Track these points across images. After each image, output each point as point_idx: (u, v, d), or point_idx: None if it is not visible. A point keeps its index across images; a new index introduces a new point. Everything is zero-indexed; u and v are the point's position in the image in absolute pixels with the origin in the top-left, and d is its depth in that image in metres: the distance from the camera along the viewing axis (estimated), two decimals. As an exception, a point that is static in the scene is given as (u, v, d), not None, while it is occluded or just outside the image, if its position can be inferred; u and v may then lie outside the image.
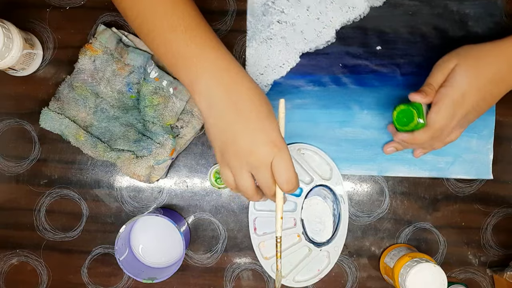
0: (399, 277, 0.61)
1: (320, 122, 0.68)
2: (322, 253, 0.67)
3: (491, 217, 0.69)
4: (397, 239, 0.69)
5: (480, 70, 0.55)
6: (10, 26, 0.61)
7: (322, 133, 0.68)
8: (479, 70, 0.55)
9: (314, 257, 0.67)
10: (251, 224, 0.67)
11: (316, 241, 0.68)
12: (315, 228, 0.68)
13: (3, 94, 0.68)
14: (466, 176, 0.68)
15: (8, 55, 0.61)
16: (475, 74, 0.55)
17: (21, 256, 0.69)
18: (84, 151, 0.66)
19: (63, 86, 0.66)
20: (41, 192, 0.68)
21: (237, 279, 0.69)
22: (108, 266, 0.69)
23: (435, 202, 0.69)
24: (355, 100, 0.68)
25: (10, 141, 0.68)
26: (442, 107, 0.56)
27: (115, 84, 0.66)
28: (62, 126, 0.65)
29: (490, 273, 0.69)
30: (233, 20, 0.68)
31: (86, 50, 0.65)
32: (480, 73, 0.55)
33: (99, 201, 0.68)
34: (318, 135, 0.68)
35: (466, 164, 0.68)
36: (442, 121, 0.56)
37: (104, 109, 0.66)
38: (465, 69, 0.55)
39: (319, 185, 0.67)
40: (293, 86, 0.68)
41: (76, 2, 0.68)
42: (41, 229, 0.68)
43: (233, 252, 0.69)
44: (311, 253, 0.67)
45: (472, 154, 0.68)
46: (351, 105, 0.68)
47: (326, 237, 0.68)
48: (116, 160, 0.65)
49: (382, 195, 0.68)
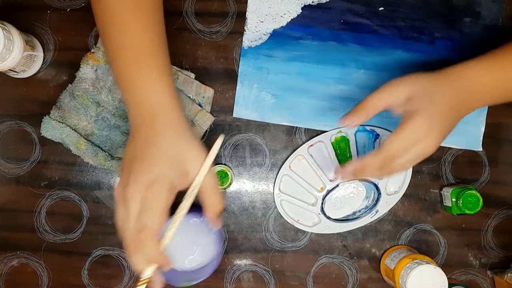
0: (400, 279, 0.61)
1: (316, 76, 0.67)
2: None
3: (491, 218, 0.69)
4: (397, 240, 0.69)
5: (436, 97, 0.52)
6: (11, 28, 0.61)
7: (316, 88, 0.67)
8: (436, 98, 0.52)
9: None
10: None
11: (328, 214, 0.68)
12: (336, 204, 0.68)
13: (4, 96, 0.68)
14: (456, 146, 0.68)
15: (9, 57, 0.61)
16: (436, 105, 0.52)
17: (21, 258, 0.68)
18: (85, 160, 0.66)
19: (64, 95, 0.66)
20: (41, 194, 0.68)
21: (238, 281, 0.69)
22: (109, 268, 0.69)
23: (436, 204, 0.69)
24: (352, 59, 0.67)
25: (10, 143, 0.68)
26: (404, 132, 0.52)
27: (116, 93, 0.66)
28: (63, 135, 0.65)
29: (491, 274, 0.69)
30: (233, 22, 0.68)
31: (88, 59, 0.65)
32: (438, 104, 0.52)
33: (100, 202, 0.68)
34: (311, 90, 0.67)
35: (457, 134, 0.68)
36: (400, 145, 0.52)
37: (105, 118, 0.66)
38: (425, 101, 0.52)
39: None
40: (292, 37, 0.67)
41: (76, 4, 0.68)
42: (41, 230, 0.68)
43: (234, 254, 0.69)
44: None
45: (464, 125, 0.67)
46: (348, 63, 0.67)
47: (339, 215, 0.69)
48: (117, 169, 0.65)
49: (383, 197, 0.69)
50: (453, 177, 0.69)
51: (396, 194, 0.68)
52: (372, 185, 0.68)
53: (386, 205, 0.68)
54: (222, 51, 0.68)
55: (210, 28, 0.68)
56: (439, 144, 0.52)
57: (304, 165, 0.68)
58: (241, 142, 0.68)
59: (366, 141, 0.68)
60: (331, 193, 0.68)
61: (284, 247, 0.69)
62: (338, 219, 0.68)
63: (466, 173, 0.69)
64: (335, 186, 0.68)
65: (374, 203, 0.68)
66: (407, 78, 0.53)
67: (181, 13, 0.68)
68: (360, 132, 0.68)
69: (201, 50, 0.68)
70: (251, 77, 0.67)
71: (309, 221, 0.68)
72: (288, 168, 0.68)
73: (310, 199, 0.68)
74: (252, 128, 0.68)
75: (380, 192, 0.67)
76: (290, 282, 0.69)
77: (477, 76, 0.54)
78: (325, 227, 0.68)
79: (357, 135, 0.68)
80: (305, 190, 0.68)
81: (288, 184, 0.68)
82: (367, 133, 0.68)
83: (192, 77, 0.67)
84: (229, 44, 0.68)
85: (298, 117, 0.68)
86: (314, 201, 0.68)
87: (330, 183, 0.68)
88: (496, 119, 0.69)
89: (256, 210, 0.69)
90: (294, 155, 0.67)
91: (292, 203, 0.68)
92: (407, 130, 0.52)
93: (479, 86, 0.54)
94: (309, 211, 0.68)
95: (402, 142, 0.52)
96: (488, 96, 0.55)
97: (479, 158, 0.69)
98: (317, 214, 0.68)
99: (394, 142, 0.52)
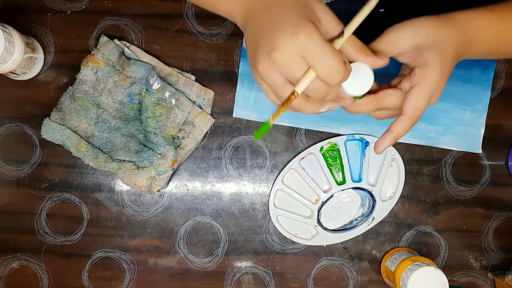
0: (400, 281, 0.61)
1: None
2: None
3: (492, 220, 0.69)
4: (398, 242, 0.69)
5: (443, 45, 0.51)
6: (11, 31, 0.61)
7: None
8: (444, 45, 0.51)
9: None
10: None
11: (325, 226, 0.68)
12: (332, 214, 0.68)
13: (4, 98, 0.68)
14: (456, 147, 0.68)
15: (10, 59, 0.61)
16: (444, 53, 0.51)
17: (21, 260, 0.68)
18: (85, 162, 0.66)
19: (64, 97, 0.66)
20: (42, 196, 0.68)
21: (238, 283, 0.69)
22: (109, 270, 0.68)
23: (436, 206, 0.69)
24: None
25: (11, 145, 0.68)
26: (423, 89, 0.50)
27: (116, 95, 0.66)
28: (64, 137, 0.65)
29: (491, 276, 0.68)
30: (233, 24, 0.68)
31: (88, 61, 0.65)
32: (446, 51, 0.51)
33: (100, 205, 0.68)
34: None
35: (457, 136, 0.68)
36: (426, 102, 0.51)
37: (105, 120, 0.66)
38: (435, 49, 0.50)
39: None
40: None
41: (77, 7, 0.68)
42: (41, 233, 0.68)
43: (234, 256, 0.69)
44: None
45: (464, 127, 0.68)
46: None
47: (334, 226, 0.69)
48: (117, 171, 0.65)
49: (383, 199, 0.69)
50: (453, 179, 0.69)
51: (391, 199, 0.68)
52: (366, 193, 0.68)
53: (382, 211, 0.68)
54: (222, 53, 0.68)
55: (210, 31, 0.68)
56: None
57: (297, 178, 0.68)
58: (241, 144, 0.68)
59: (356, 148, 0.68)
60: (326, 204, 0.68)
61: (284, 249, 0.69)
62: (335, 229, 0.68)
63: (466, 175, 0.69)
64: (329, 196, 0.68)
65: (370, 210, 0.68)
66: (409, 26, 0.50)
67: (181, 15, 0.68)
68: (350, 140, 0.68)
69: (201, 52, 0.68)
70: (251, 77, 0.67)
71: (306, 234, 0.68)
72: (281, 183, 0.68)
73: (306, 212, 0.68)
74: (253, 130, 0.68)
75: (375, 199, 0.67)
76: (290, 284, 0.69)
77: (480, 26, 0.52)
78: (323, 238, 0.68)
79: (347, 144, 0.68)
80: (299, 203, 0.68)
81: (283, 199, 0.68)
82: (356, 141, 0.68)
83: (193, 79, 0.68)
84: (229, 46, 0.68)
85: (298, 118, 0.68)
86: (310, 214, 0.68)
87: (324, 194, 0.68)
88: (496, 121, 0.69)
89: (256, 212, 0.69)
90: (286, 169, 0.67)
91: (288, 218, 0.68)
92: (427, 85, 0.49)
93: (481, 36, 0.53)
94: (306, 224, 0.68)
95: (426, 98, 0.50)
96: (487, 47, 0.54)
97: (480, 160, 0.69)
98: (314, 227, 0.68)
99: (420, 100, 0.49)
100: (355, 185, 0.67)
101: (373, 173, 0.68)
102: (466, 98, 0.68)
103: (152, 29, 0.68)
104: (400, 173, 0.68)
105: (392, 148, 0.67)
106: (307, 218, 0.68)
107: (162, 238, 0.68)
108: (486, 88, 0.68)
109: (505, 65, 0.69)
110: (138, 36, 0.68)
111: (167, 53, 0.68)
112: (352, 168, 0.68)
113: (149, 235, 0.69)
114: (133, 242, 0.68)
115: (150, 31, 0.68)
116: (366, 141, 0.67)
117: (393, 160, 0.68)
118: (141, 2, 0.68)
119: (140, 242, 0.69)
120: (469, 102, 0.68)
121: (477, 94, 0.68)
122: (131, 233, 0.68)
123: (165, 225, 0.68)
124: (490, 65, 0.68)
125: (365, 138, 0.67)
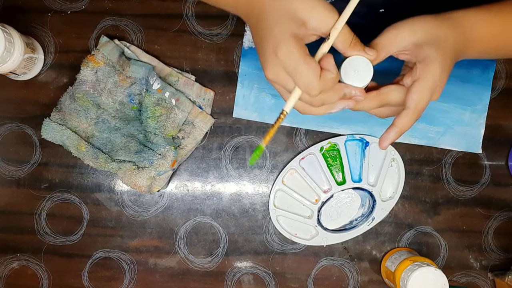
0: (400, 281, 0.61)
1: None
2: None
3: (492, 220, 0.69)
4: (398, 243, 0.69)
5: (442, 43, 0.51)
6: (11, 31, 0.61)
7: None
8: (442, 43, 0.51)
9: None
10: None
11: (325, 226, 0.68)
12: (332, 214, 0.68)
13: (4, 98, 0.68)
14: (456, 148, 0.68)
15: (10, 59, 0.61)
16: (443, 49, 0.51)
17: (21, 260, 0.68)
18: (85, 162, 0.66)
19: (64, 97, 0.66)
20: (42, 196, 0.68)
21: (238, 283, 0.69)
22: (109, 270, 0.68)
23: (436, 206, 0.69)
24: None
25: (11, 145, 0.68)
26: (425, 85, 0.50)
27: (116, 95, 0.66)
28: (64, 137, 0.65)
29: (491, 277, 0.68)
30: (233, 24, 0.68)
31: (88, 61, 0.65)
32: (445, 47, 0.51)
33: (100, 205, 0.68)
34: None
35: (457, 136, 0.68)
36: (428, 97, 0.51)
37: (105, 120, 0.66)
38: (434, 45, 0.51)
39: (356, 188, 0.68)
40: None
41: (77, 7, 0.68)
42: (41, 233, 0.68)
43: (234, 256, 0.69)
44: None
45: (464, 127, 0.68)
46: None
47: (334, 226, 0.69)
48: (117, 171, 0.65)
49: (383, 199, 0.68)
50: (453, 179, 0.69)
51: (391, 200, 0.68)
52: (366, 193, 0.68)
53: (382, 212, 0.68)
54: (222, 53, 0.68)
55: (210, 31, 0.68)
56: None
57: (297, 178, 0.68)
58: (241, 144, 0.68)
59: (356, 149, 0.68)
60: (326, 204, 0.68)
61: (284, 249, 0.69)
62: (335, 229, 0.68)
63: (466, 175, 0.69)
64: (329, 197, 0.68)
65: (370, 210, 0.68)
66: (407, 25, 0.51)
67: (181, 15, 0.68)
68: (350, 141, 0.68)
69: (201, 52, 0.68)
70: (251, 77, 0.67)
71: (307, 234, 0.68)
72: (281, 183, 0.68)
73: (306, 212, 0.68)
74: (253, 130, 0.68)
75: (375, 199, 0.67)
76: (290, 284, 0.69)
77: (477, 25, 0.53)
78: (323, 238, 0.68)
79: (347, 144, 0.68)
80: (299, 203, 0.68)
81: (283, 199, 0.68)
82: (356, 141, 0.68)
83: (193, 79, 0.68)
84: (229, 46, 0.68)
85: (298, 118, 0.68)
86: (310, 214, 0.68)
87: (324, 194, 0.68)
88: (496, 121, 0.69)
89: (256, 212, 0.69)
90: (286, 169, 0.67)
91: (288, 218, 0.68)
92: (429, 79, 0.50)
93: (479, 35, 0.53)
94: (306, 224, 0.68)
95: (429, 92, 0.50)
96: (485, 46, 0.54)
97: (480, 160, 0.69)
98: (314, 227, 0.68)
99: (422, 94, 0.50)
100: (355, 185, 0.67)
101: (373, 173, 0.68)
102: (466, 98, 0.68)
103: (152, 29, 0.68)
104: (400, 173, 0.68)
105: (392, 148, 0.68)
106: (307, 218, 0.68)
107: (162, 238, 0.68)
108: (486, 88, 0.68)
109: (505, 65, 0.69)
110: (138, 36, 0.68)
111: (167, 53, 0.68)
112: (352, 168, 0.68)
113: (149, 235, 0.69)
114: (133, 242, 0.69)
115: (150, 31, 0.68)
116: (366, 141, 0.67)
117: (393, 160, 0.68)
118: (141, 2, 0.68)
119: (140, 242, 0.69)
120: (469, 102, 0.68)
121: (477, 94, 0.68)
122: (131, 233, 0.68)
123: (165, 225, 0.68)
124: (490, 65, 0.68)
125: (365, 138, 0.67)
